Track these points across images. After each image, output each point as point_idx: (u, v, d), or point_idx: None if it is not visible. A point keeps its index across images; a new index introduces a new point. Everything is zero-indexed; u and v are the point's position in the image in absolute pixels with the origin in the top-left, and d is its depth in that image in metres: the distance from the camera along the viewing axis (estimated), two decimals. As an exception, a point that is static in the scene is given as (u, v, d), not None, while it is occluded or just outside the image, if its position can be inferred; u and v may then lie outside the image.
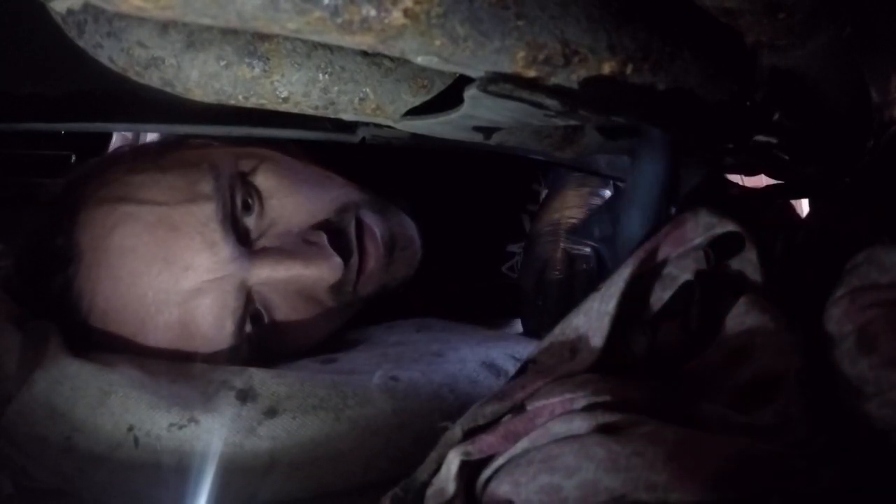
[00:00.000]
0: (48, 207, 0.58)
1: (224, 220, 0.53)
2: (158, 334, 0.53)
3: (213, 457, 0.46)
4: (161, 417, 0.47)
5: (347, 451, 0.49)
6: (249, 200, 0.56)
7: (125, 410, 0.47)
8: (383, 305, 0.65)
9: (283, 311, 0.57)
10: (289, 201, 0.58)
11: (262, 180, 0.57)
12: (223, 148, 0.60)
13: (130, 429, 0.46)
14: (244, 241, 0.55)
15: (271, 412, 0.48)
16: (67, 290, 0.54)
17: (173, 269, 0.52)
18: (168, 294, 0.52)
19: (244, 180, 0.56)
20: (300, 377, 0.51)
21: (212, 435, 0.46)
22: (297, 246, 0.56)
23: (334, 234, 0.58)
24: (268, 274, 0.54)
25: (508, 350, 0.61)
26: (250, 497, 0.47)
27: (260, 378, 0.50)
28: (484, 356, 0.59)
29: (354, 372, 0.53)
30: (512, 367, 0.57)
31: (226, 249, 0.53)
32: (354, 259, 0.58)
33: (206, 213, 0.53)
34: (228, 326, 0.54)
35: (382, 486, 0.39)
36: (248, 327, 0.55)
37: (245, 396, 0.48)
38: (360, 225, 0.60)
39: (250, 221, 0.56)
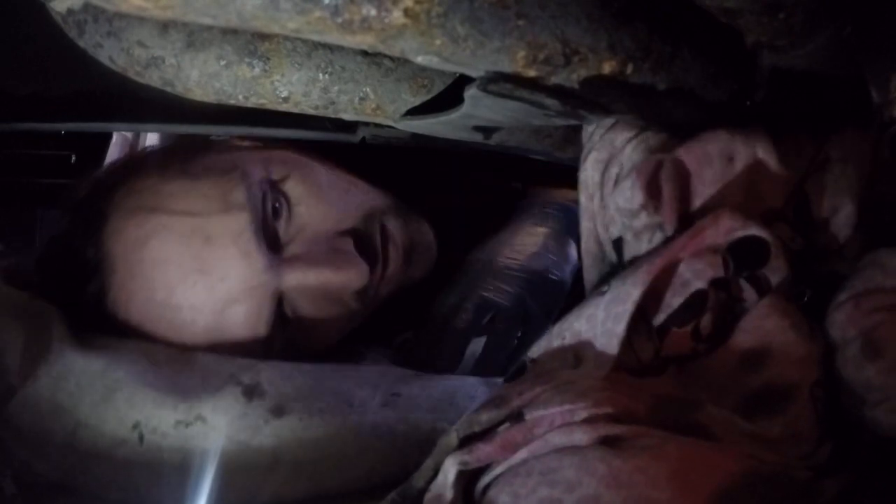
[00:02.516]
0: (73, 214, 0.58)
1: (258, 231, 0.54)
2: (193, 341, 0.54)
3: (218, 455, 0.46)
4: (167, 415, 0.47)
5: (352, 455, 0.48)
6: (278, 205, 0.57)
7: (131, 407, 0.47)
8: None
9: (309, 311, 0.58)
10: (317, 209, 0.59)
11: (292, 186, 0.58)
12: (251, 152, 0.61)
13: (136, 426, 0.46)
14: (275, 248, 0.56)
15: (278, 411, 0.48)
16: (101, 301, 0.55)
17: (209, 280, 0.53)
18: (204, 304, 0.53)
19: (274, 187, 0.57)
20: (307, 380, 0.51)
21: (218, 433, 0.46)
22: (326, 253, 0.57)
23: (360, 239, 0.59)
24: (299, 281, 0.55)
25: None
26: (251, 497, 0.47)
27: (267, 375, 0.50)
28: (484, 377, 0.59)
29: (358, 387, 0.53)
30: None
31: (260, 259, 0.54)
32: (379, 265, 0.60)
33: (241, 223, 0.54)
34: (262, 332, 0.55)
35: (383, 488, 0.39)
36: (276, 328, 0.57)
37: (252, 393, 0.48)
38: (383, 231, 0.62)
39: (280, 226, 0.57)
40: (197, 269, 0.53)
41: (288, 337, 0.57)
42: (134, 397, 0.47)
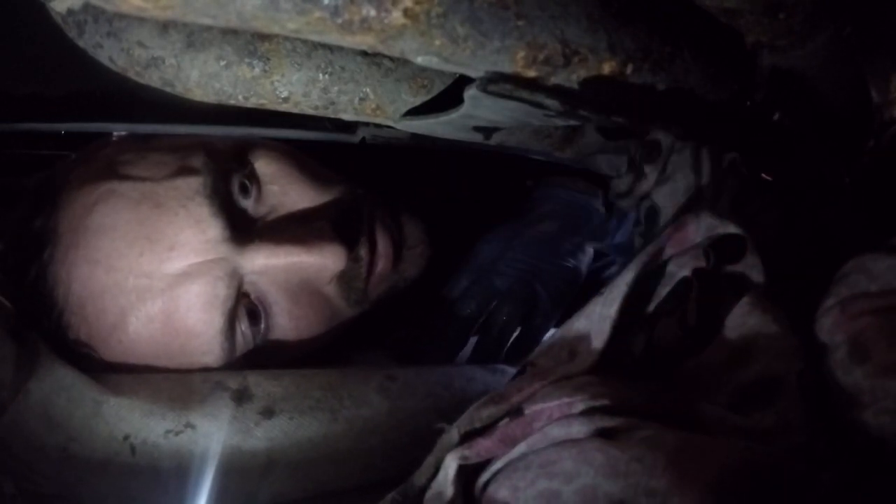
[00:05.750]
0: (33, 192, 0.53)
1: (213, 196, 0.48)
2: (140, 327, 0.48)
3: (212, 461, 0.46)
4: (156, 424, 0.46)
5: (345, 451, 0.48)
6: (247, 183, 0.51)
7: (119, 420, 0.45)
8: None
9: (284, 308, 0.52)
10: (292, 188, 0.53)
11: (263, 165, 0.53)
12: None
13: (126, 438, 0.45)
14: (238, 224, 0.49)
15: (268, 413, 0.47)
16: (42, 277, 0.49)
17: (157, 249, 0.47)
18: (151, 279, 0.47)
19: (242, 161, 0.52)
20: (295, 378, 0.50)
21: (209, 439, 0.46)
22: (298, 231, 0.51)
23: (340, 223, 0.53)
24: (264, 260, 0.49)
25: None
26: (249, 499, 0.47)
27: (254, 378, 0.49)
28: None
29: (349, 378, 0.53)
30: (509, 366, 0.57)
31: (215, 227, 0.48)
32: (364, 250, 0.54)
33: (193, 186, 0.48)
34: (217, 320, 0.49)
35: (382, 485, 0.39)
36: (243, 326, 0.50)
37: (240, 397, 0.47)
38: (370, 222, 0.56)
39: (247, 205, 0.51)
40: (144, 237, 0.47)
41: (257, 339, 0.51)
42: (121, 409, 0.46)
